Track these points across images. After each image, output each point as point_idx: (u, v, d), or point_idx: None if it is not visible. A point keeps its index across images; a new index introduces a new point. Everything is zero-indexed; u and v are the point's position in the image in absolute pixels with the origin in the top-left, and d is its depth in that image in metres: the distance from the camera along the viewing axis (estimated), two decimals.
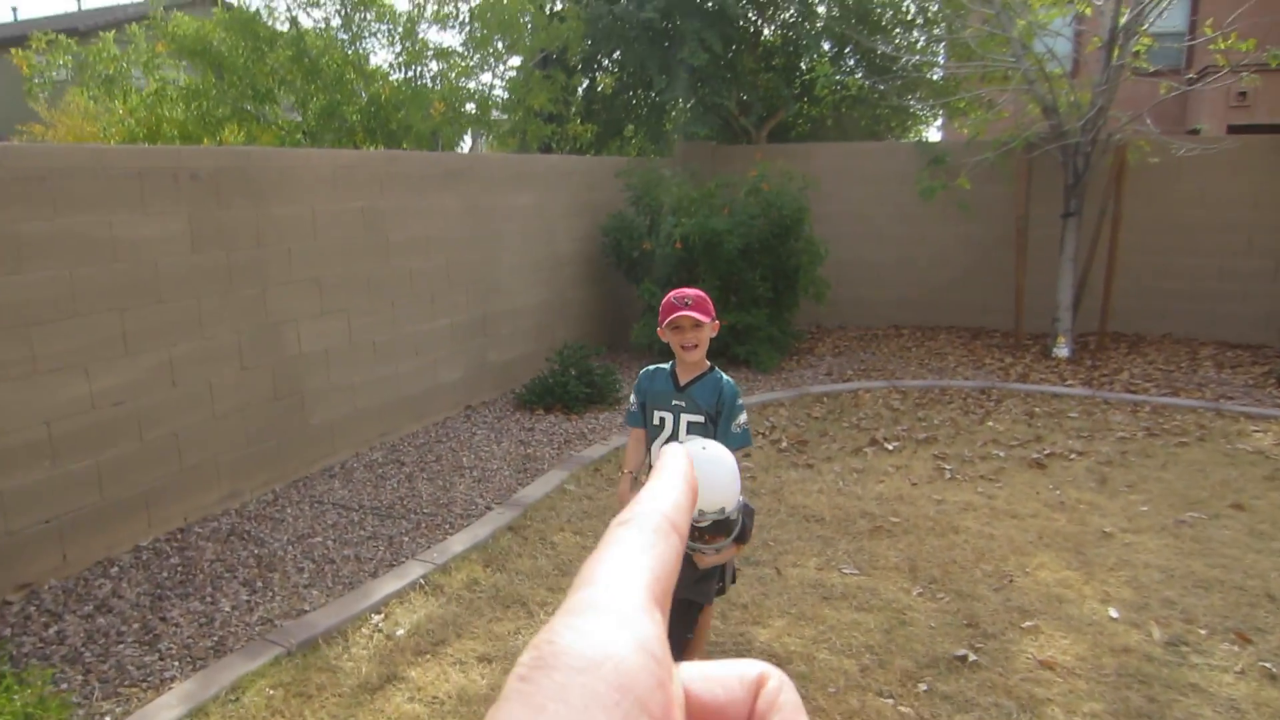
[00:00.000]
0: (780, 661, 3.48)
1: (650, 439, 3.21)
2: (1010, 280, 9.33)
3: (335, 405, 5.89)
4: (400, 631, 3.79)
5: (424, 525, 4.91)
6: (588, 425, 6.65)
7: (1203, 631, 3.65)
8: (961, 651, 3.49)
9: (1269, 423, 6.40)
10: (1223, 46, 7.91)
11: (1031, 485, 5.33)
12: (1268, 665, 3.39)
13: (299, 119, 8.63)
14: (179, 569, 4.40)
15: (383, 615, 3.94)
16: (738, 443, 3.02)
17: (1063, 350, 8.49)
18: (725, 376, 3.14)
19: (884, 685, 3.30)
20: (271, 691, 3.37)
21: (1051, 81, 8.41)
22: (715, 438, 2.93)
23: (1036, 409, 6.90)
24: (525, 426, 6.67)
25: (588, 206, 8.72)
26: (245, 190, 5.11)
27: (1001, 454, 5.88)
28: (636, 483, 3.16)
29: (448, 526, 4.89)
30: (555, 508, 5.09)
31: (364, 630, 3.82)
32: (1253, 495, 5.08)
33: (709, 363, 3.15)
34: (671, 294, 3.06)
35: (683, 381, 3.14)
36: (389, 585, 4.17)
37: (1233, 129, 14.11)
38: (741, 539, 2.70)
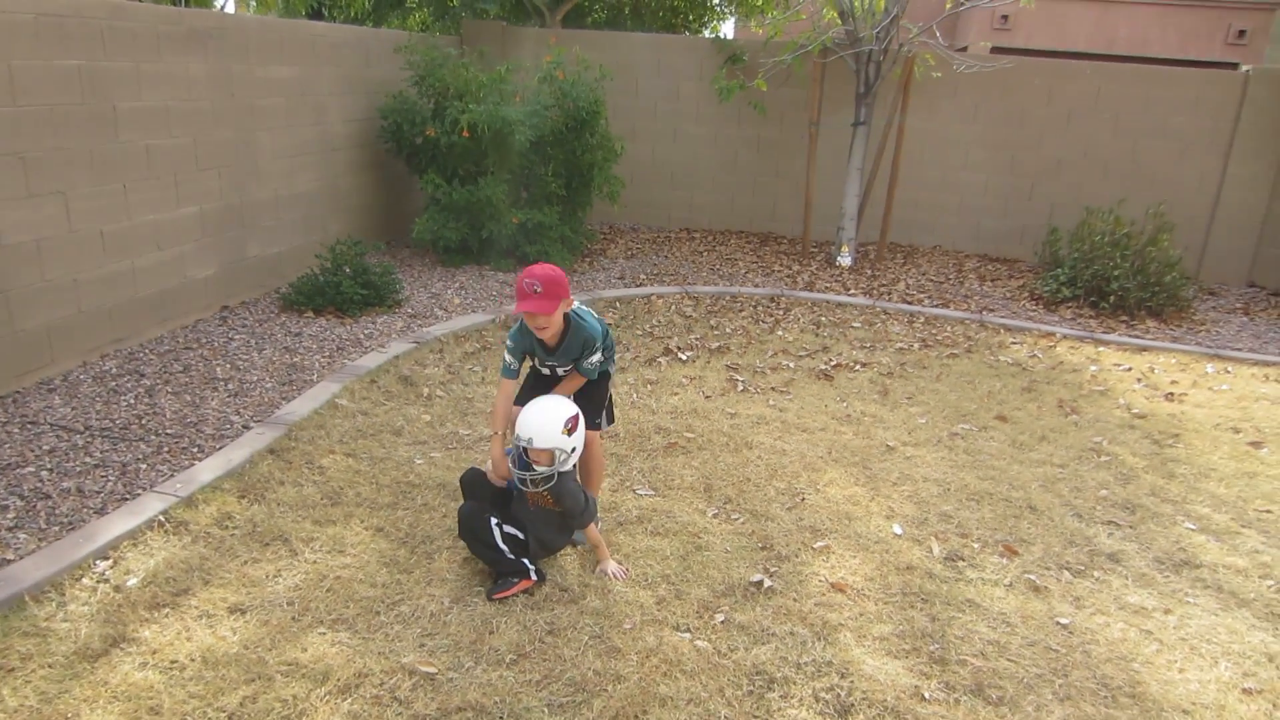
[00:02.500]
0: (574, 597, 3.27)
1: (536, 381, 3.63)
2: (800, 187, 9.44)
3: (53, 306, 4.97)
4: (132, 581, 3.23)
5: (167, 449, 4.25)
6: (364, 330, 6.07)
7: (976, 545, 3.80)
8: (757, 577, 3.42)
9: (1024, 335, 6.87)
10: None
11: (820, 397, 5.39)
12: (1032, 577, 3.58)
13: None
14: None
15: (110, 562, 3.34)
16: (587, 374, 3.53)
17: (845, 259, 8.73)
18: (585, 327, 3.43)
19: (681, 618, 3.18)
20: None
21: None
22: (598, 367, 3.53)
23: (823, 319, 7.04)
24: (292, 331, 5.99)
25: (364, 85, 7.84)
26: None
27: (791, 365, 5.93)
28: (505, 439, 3.46)
29: (196, 450, 4.26)
30: (325, 426, 4.57)
31: (85, 581, 3.22)
32: (1014, 407, 5.40)
33: (566, 323, 3.42)
34: (523, 276, 3.26)
35: (550, 344, 3.46)
36: (120, 524, 3.54)
37: (995, 50, 14.97)
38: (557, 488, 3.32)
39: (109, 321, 5.36)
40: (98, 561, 3.33)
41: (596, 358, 3.47)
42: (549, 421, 3.27)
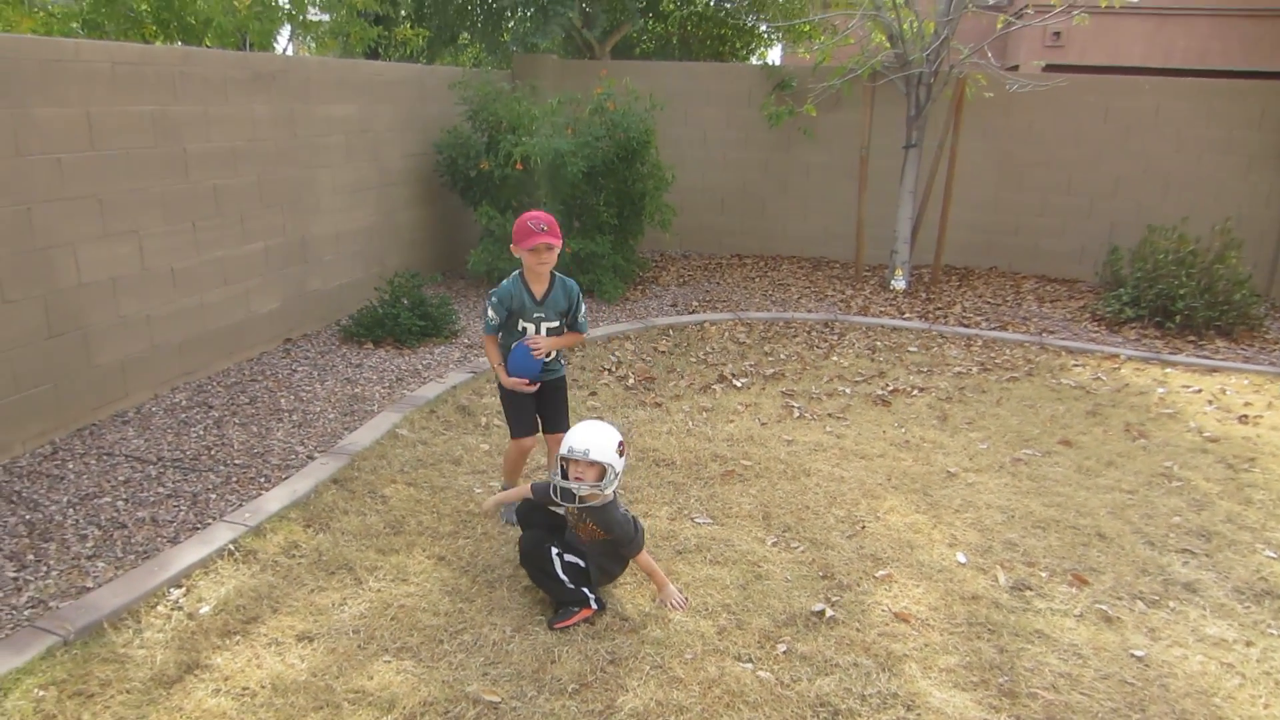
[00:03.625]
0: (634, 626, 3.27)
1: (512, 337, 3.79)
2: (851, 210, 9.40)
3: (127, 341, 5.15)
4: (204, 609, 3.31)
5: (235, 479, 4.36)
6: (422, 361, 6.17)
7: (1043, 574, 3.71)
8: (819, 606, 3.39)
9: (1087, 357, 6.72)
10: None
11: (878, 423, 5.34)
12: (1104, 608, 3.48)
13: (74, 5, 7.40)
14: None
15: (184, 590, 3.44)
16: (583, 328, 3.90)
17: (900, 283, 8.65)
18: (567, 279, 3.84)
19: (742, 648, 3.15)
20: (42, 692, 2.84)
21: (899, 9, 8.34)
22: (567, 329, 3.85)
23: (878, 343, 6.97)
24: (352, 362, 6.12)
25: (419, 120, 8.02)
26: None
27: (847, 390, 5.88)
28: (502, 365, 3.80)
29: (263, 480, 4.36)
30: (386, 456, 4.65)
31: (160, 609, 3.31)
32: (1078, 431, 5.28)
33: (551, 271, 3.78)
34: (526, 218, 3.63)
35: (539, 295, 3.76)
36: (192, 553, 3.65)
37: (1049, 68, 14.78)
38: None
39: (179, 355, 5.53)
40: (172, 589, 3.43)
41: (584, 309, 3.88)
42: (605, 437, 3.29)
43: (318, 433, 4.94)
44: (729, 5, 12.29)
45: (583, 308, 3.85)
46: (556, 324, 3.80)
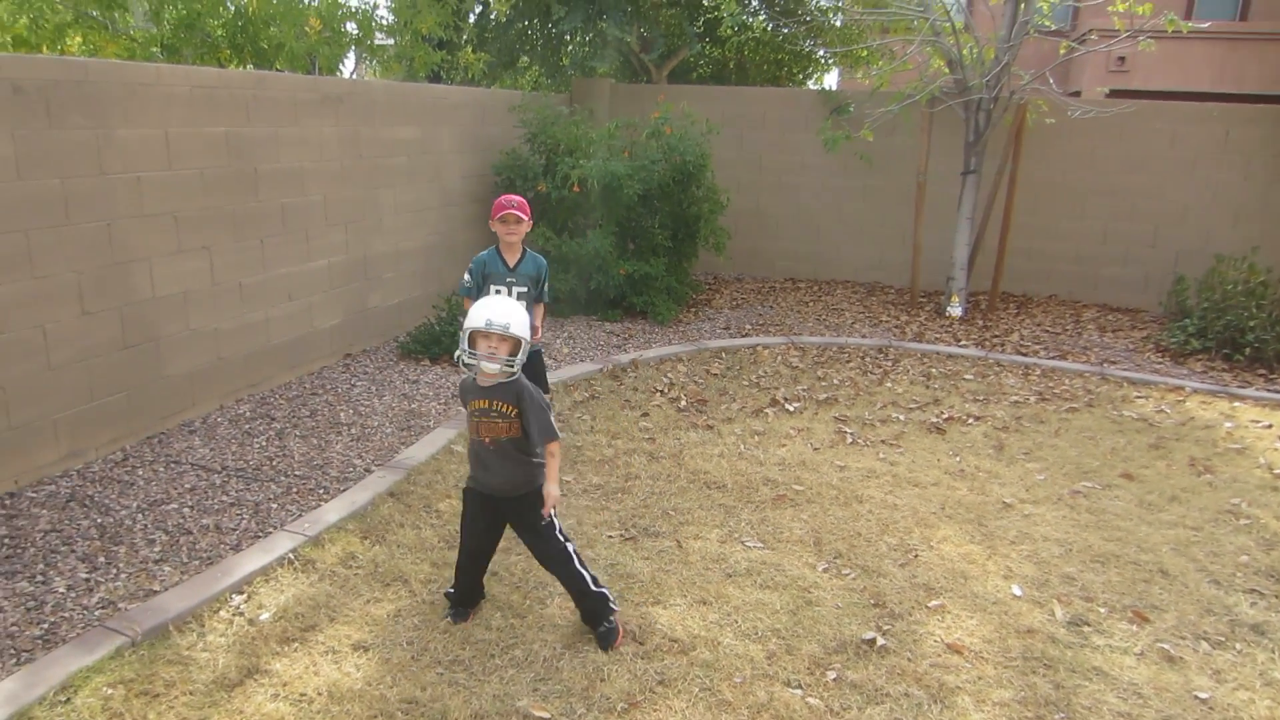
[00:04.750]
0: (684, 648, 3.27)
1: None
2: (906, 236, 9.33)
3: (196, 354, 5.32)
4: (265, 615, 3.40)
5: (295, 490, 4.48)
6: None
7: (1102, 610, 3.63)
8: (870, 635, 3.36)
9: (1150, 389, 6.57)
10: (1121, 8, 7.95)
11: (932, 451, 5.28)
12: (1166, 646, 3.39)
13: (154, 31, 7.71)
14: (5, 541, 3.86)
15: (245, 596, 3.53)
16: (546, 299, 4.69)
17: (956, 309, 8.56)
18: (538, 255, 4.62)
19: (792, 674, 3.14)
20: (110, 690, 2.95)
21: (958, 34, 8.31)
22: (536, 298, 4.57)
23: (933, 370, 6.90)
24: (409, 378, 6.24)
25: (479, 142, 8.18)
26: (83, 108, 4.45)
27: (901, 417, 5.83)
28: None
29: (322, 492, 4.47)
30: (441, 471, 4.73)
31: (223, 614, 3.41)
32: (1140, 465, 5.16)
33: (523, 245, 4.55)
34: (501, 198, 4.42)
35: (511, 263, 4.53)
36: (253, 561, 3.75)
37: (1113, 94, 14.53)
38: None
39: (245, 368, 5.70)
40: (234, 595, 3.52)
41: (548, 283, 4.67)
42: (520, 312, 3.17)
43: (375, 446, 5.04)
44: (786, 30, 12.33)
45: (548, 281, 4.67)
46: (526, 289, 4.49)
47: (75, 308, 4.54)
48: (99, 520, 4.08)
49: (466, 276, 4.58)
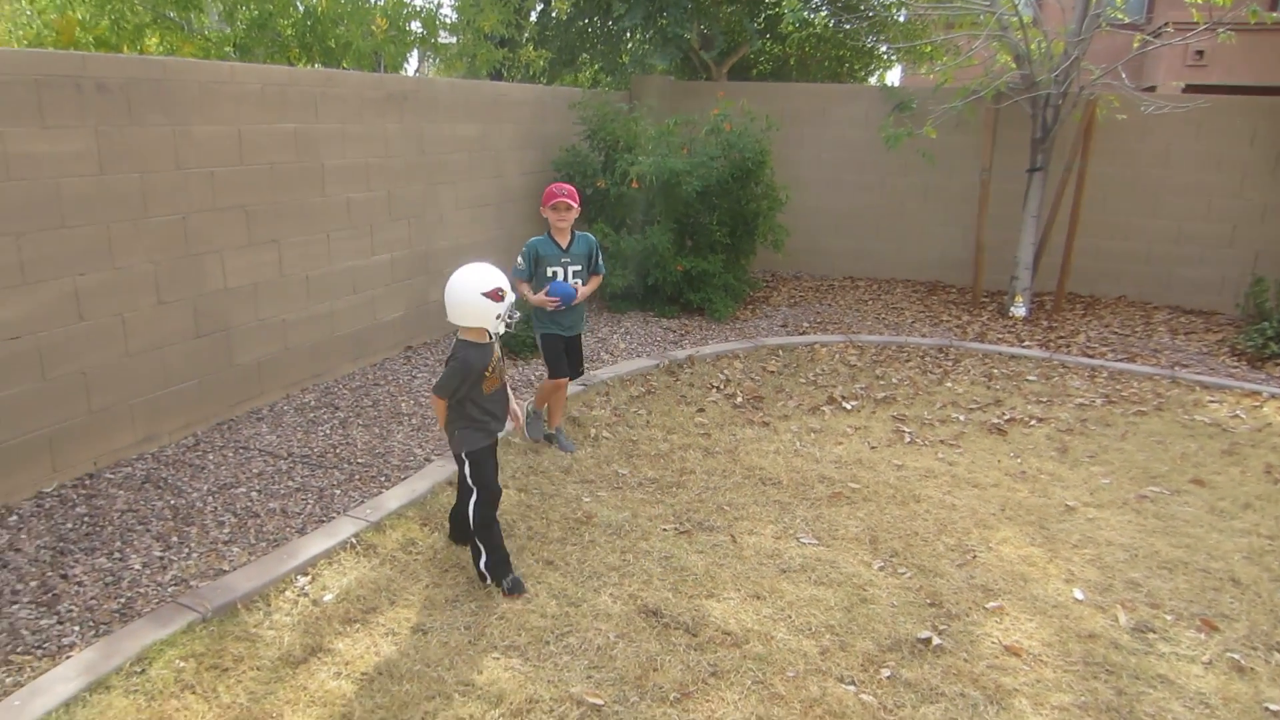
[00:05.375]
0: (737, 640, 3.28)
1: (542, 283, 4.80)
2: (969, 234, 9.18)
3: (264, 343, 5.48)
4: (328, 596, 3.50)
5: (358, 477, 4.59)
6: (534, 372, 6.34)
7: (1169, 617, 3.54)
8: (925, 634, 3.32)
9: (1224, 394, 6.36)
10: (1200, 0, 7.71)
11: (992, 452, 5.19)
12: (1235, 656, 3.29)
13: (229, 30, 7.95)
14: (85, 519, 4.03)
15: (309, 578, 3.64)
16: (602, 270, 5.01)
17: (1020, 309, 8.39)
18: (587, 234, 4.93)
19: (845, 670, 3.13)
20: (182, 663, 3.06)
21: (1025, 29, 8.13)
22: (590, 271, 4.91)
23: (995, 370, 6.78)
24: None
25: (539, 139, 8.26)
26: (161, 106, 4.61)
27: (961, 417, 5.74)
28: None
29: (383, 479, 4.57)
30: (499, 462, 4.79)
31: (288, 594, 3.52)
32: (1212, 470, 5.00)
33: (571, 229, 4.82)
34: (552, 186, 4.74)
35: (564, 245, 4.83)
36: (317, 544, 3.86)
37: (1189, 88, 14.08)
38: None
39: (310, 358, 5.85)
40: (299, 577, 3.63)
41: (601, 255, 4.98)
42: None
43: (435, 436, 5.14)
44: (848, 27, 12.21)
45: (601, 254, 4.97)
46: (580, 267, 4.82)
47: (152, 297, 4.71)
48: (172, 502, 4.24)
49: (520, 260, 4.86)
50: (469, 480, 3.64)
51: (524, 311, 4.50)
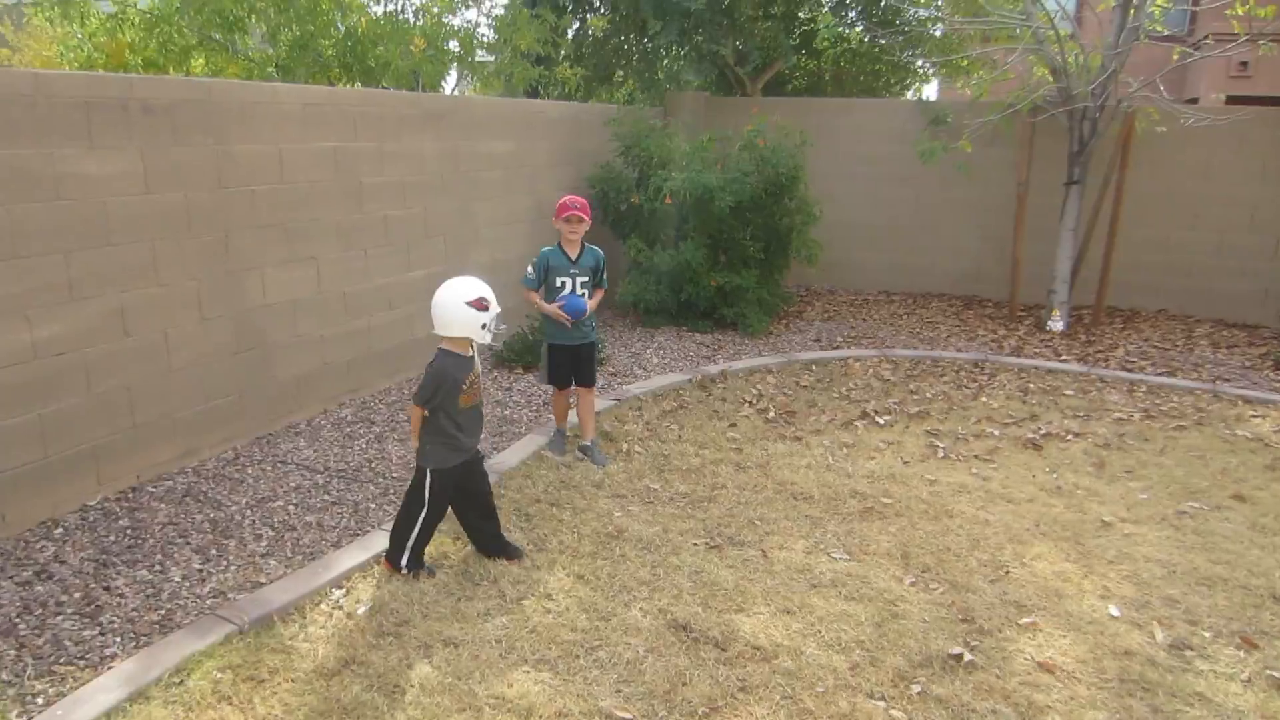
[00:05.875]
0: (766, 655, 3.28)
1: (552, 292, 5.02)
2: (1005, 248, 9.10)
3: (302, 359, 5.59)
4: (362, 609, 3.55)
5: (392, 491, 4.65)
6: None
7: (1207, 634, 3.47)
8: (957, 650, 3.30)
9: (1268, 408, 6.23)
10: (1241, 12, 7.61)
11: (1027, 467, 5.13)
12: (1275, 674, 3.23)
13: (272, 51, 8.15)
14: (128, 532, 4.13)
15: (344, 590, 3.70)
16: (604, 284, 5.16)
17: (1057, 324, 8.29)
18: (595, 248, 5.10)
19: (875, 686, 3.11)
20: (219, 674, 3.12)
21: (1062, 42, 8.07)
22: (594, 285, 5.10)
23: (1031, 385, 6.70)
24: (503, 386, 6.40)
25: (574, 155, 8.34)
26: (205, 126, 4.74)
27: (996, 432, 5.68)
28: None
29: None
30: (532, 476, 4.85)
31: (323, 607, 3.58)
32: (1254, 486, 4.91)
33: (582, 241, 5.01)
34: (565, 199, 4.97)
35: (573, 256, 5.02)
36: (352, 557, 3.92)
37: (1232, 100, 13.84)
38: None
39: (347, 373, 5.95)
40: (334, 590, 3.69)
41: (605, 272, 5.16)
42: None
43: None
44: (884, 41, 12.18)
45: (605, 270, 5.13)
46: (587, 279, 5.00)
47: (195, 314, 4.83)
48: (211, 515, 4.33)
49: (530, 270, 5.02)
50: (425, 494, 3.72)
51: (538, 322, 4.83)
